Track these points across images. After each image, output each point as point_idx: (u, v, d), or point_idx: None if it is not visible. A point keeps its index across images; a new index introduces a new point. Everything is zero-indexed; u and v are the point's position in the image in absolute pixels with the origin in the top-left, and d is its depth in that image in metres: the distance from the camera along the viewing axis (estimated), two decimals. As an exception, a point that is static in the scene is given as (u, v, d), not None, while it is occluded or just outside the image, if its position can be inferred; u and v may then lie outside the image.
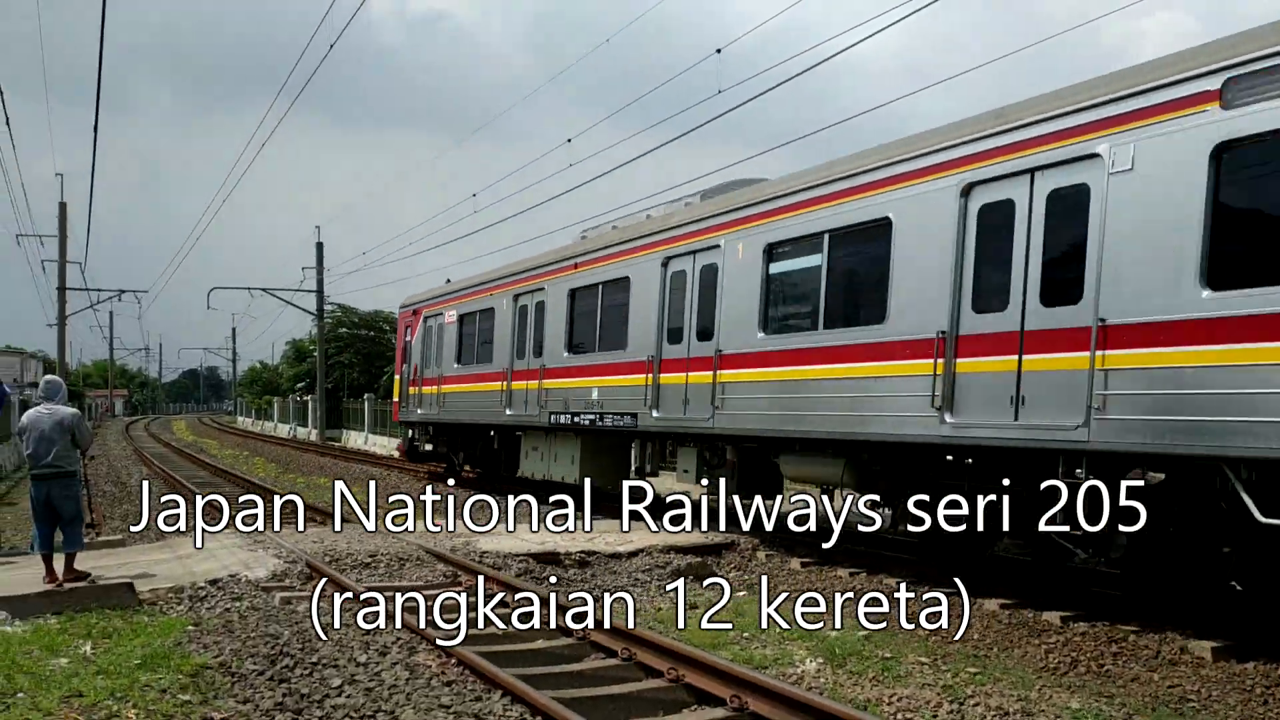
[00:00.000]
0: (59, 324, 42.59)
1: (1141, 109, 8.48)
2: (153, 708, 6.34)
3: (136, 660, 7.34)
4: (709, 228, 14.18)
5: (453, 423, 23.52)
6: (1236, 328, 7.63)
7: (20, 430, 10.06)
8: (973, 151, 10.02)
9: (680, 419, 14.46)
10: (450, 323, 23.39)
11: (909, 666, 7.96)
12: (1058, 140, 9.15)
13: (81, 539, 10.19)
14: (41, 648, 7.71)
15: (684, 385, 14.35)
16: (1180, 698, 7.36)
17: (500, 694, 6.75)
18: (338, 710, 6.44)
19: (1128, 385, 8.37)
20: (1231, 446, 7.66)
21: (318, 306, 50.82)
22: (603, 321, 17.03)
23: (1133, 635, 8.77)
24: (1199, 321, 7.90)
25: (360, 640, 8.11)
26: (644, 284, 15.63)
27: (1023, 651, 8.61)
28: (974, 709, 6.91)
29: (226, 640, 8.02)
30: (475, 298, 22.19)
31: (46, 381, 10.58)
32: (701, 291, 14.20)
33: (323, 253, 50.17)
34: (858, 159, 11.68)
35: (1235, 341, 7.62)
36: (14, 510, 19.59)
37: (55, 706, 6.33)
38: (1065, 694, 7.31)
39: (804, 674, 7.77)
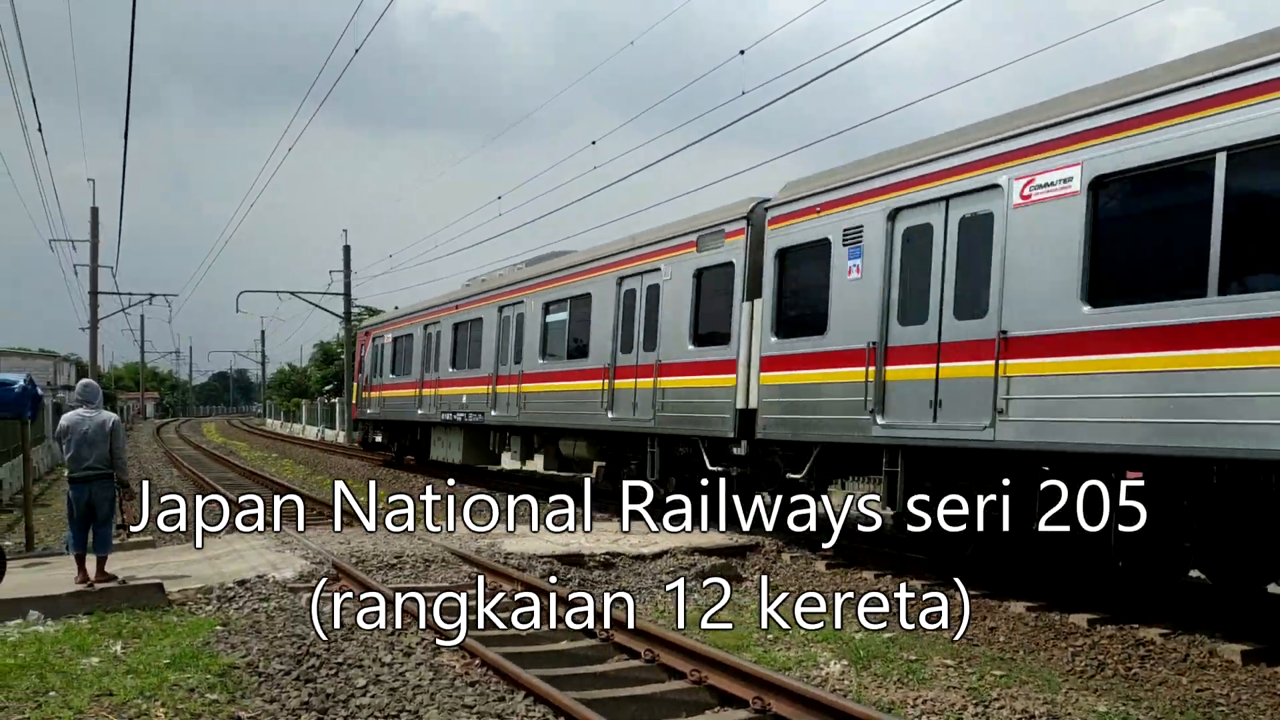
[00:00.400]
0: (91, 327, 43.16)
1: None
2: (181, 706, 6.42)
3: (166, 660, 7.43)
4: (516, 289, 21.36)
5: (390, 419, 30.67)
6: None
7: (60, 433, 10.11)
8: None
9: (505, 416, 21.21)
10: (387, 343, 30.75)
11: (934, 669, 7.93)
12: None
13: (112, 541, 10.30)
14: (73, 647, 7.83)
15: (511, 394, 20.94)
16: (1209, 702, 7.29)
17: (523, 694, 6.78)
18: (362, 710, 6.50)
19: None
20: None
21: (345, 309, 51.18)
22: (470, 346, 23.79)
23: (1160, 638, 8.70)
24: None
25: (385, 640, 8.18)
26: (487, 323, 22.72)
27: (1049, 654, 8.55)
28: (999, 712, 6.87)
29: (254, 640, 8.11)
30: (401, 325, 29.70)
31: (84, 385, 10.59)
32: (512, 332, 21.36)
33: (350, 256, 50.56)
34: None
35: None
36: (47, 511, 19.84)
37: (86, 705, 6.43)
38: (1092, 697, 7.25)
39: (828, 676, 7.75)
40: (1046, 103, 9.79)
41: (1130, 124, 8.69)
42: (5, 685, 6.80)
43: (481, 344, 22.83)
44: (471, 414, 23.11)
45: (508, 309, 21.77)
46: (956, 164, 10.36)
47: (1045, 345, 9.25)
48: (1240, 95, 7.90)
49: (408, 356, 28.61)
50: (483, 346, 22.74)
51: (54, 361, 64.39)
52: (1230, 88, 7.96)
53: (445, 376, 25.20)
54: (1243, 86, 7.89)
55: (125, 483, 10.43)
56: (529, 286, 20.81)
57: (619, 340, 16.92)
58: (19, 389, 12.76)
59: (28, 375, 13.51)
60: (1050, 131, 9.42)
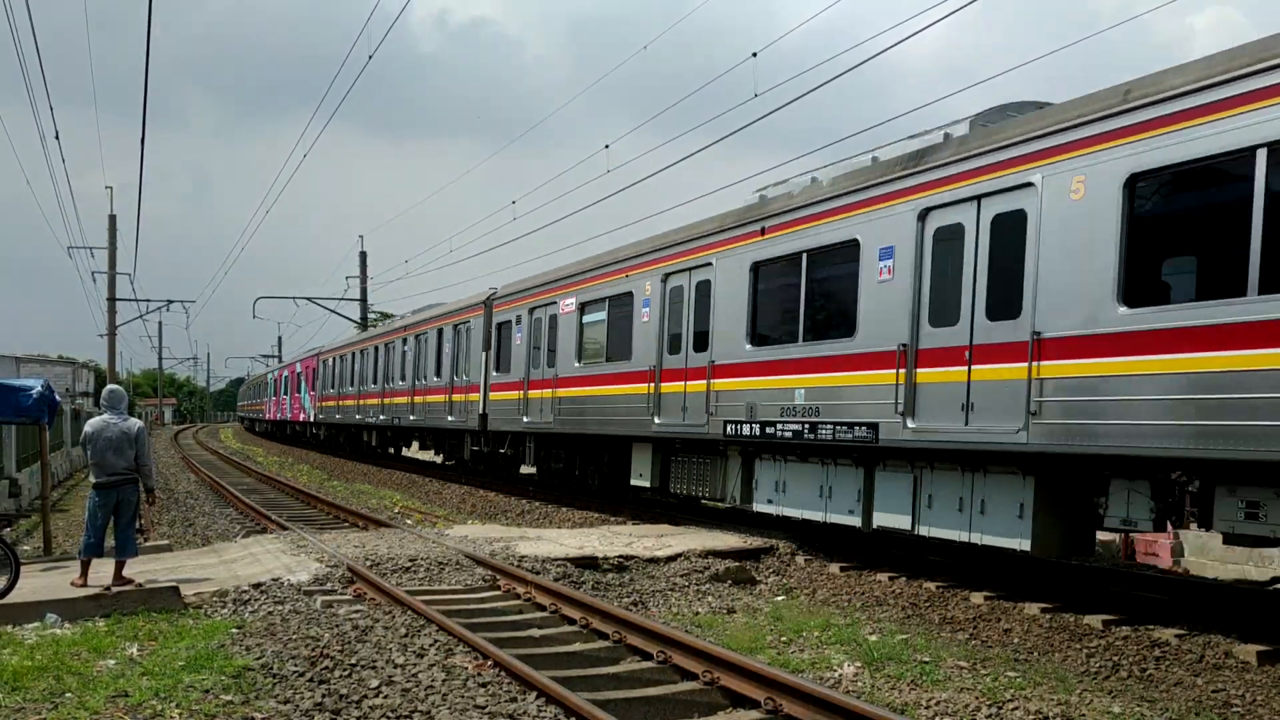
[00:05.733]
0: (109, 334, 43.28)
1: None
2: (196, 708, 6.46)
3: (181, 662, 7.48)
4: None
5: (339, 422, 39.47)
6: (1153, 340, 8.37)
7: (85, 439, 10.15)
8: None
9: (415, 419, 27.96)
10: (330, 365, 40.38)
11: (948, 670, 7.91)
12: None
13: (133, 545, 10.32)
14: (89, 649, 7.89)
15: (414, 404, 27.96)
16: (1224, 703, 7.24)
17: (536, 695, 6.79)
18: (375, 710, 6.52)
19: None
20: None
21: (361, 315, 51.30)
22: (379, 368, 32.17)
23: (1175, 639, 8.64)
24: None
25: (398, 642, 8.20)
26: (391, 350, 31.12)
27: (1063, 656, 8.51)
28: (1014, 713, 6.85)
29: (268, 642, 8.15)
30: (339, 353, 38.93)
31: (110, 391, 10.58)
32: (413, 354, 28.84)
33: (366, 261, 50.71)
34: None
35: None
36: (66, 516, 20.00)
37: (102, 706, 6.48)
38: (1106, 699, 7.22)
39: (841, 678, 7.74)
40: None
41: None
42: (22, 687, 6.86)
43: (405, 366, 29.61)
44: (384, 416, 31.71)
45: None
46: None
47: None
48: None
49: (344, 375, 37.84)
50: (404, 366, 29.71)
51: (73, 368, 64.65)
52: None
53: (356, 392, 35.46)
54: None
55: (151, 488, 10.50)
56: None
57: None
58: (36, 395, 12.85)
59: (44, 381, 13.60)
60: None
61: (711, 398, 14.15)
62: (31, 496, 21.11)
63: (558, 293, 19.33)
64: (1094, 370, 8.84)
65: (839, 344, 11.93)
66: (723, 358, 14.09)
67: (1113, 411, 8.65)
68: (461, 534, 14.21)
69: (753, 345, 13.55)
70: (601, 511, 18.02)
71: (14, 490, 19.83)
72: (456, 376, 24.55)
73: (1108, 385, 8.69)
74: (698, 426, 14.49)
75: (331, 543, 13.01)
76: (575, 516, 17.97)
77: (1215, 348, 7.93)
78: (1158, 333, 8.36)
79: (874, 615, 10.13)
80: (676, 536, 13.90)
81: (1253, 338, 7.67)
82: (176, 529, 18.23)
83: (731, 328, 13.94)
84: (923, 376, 10.69)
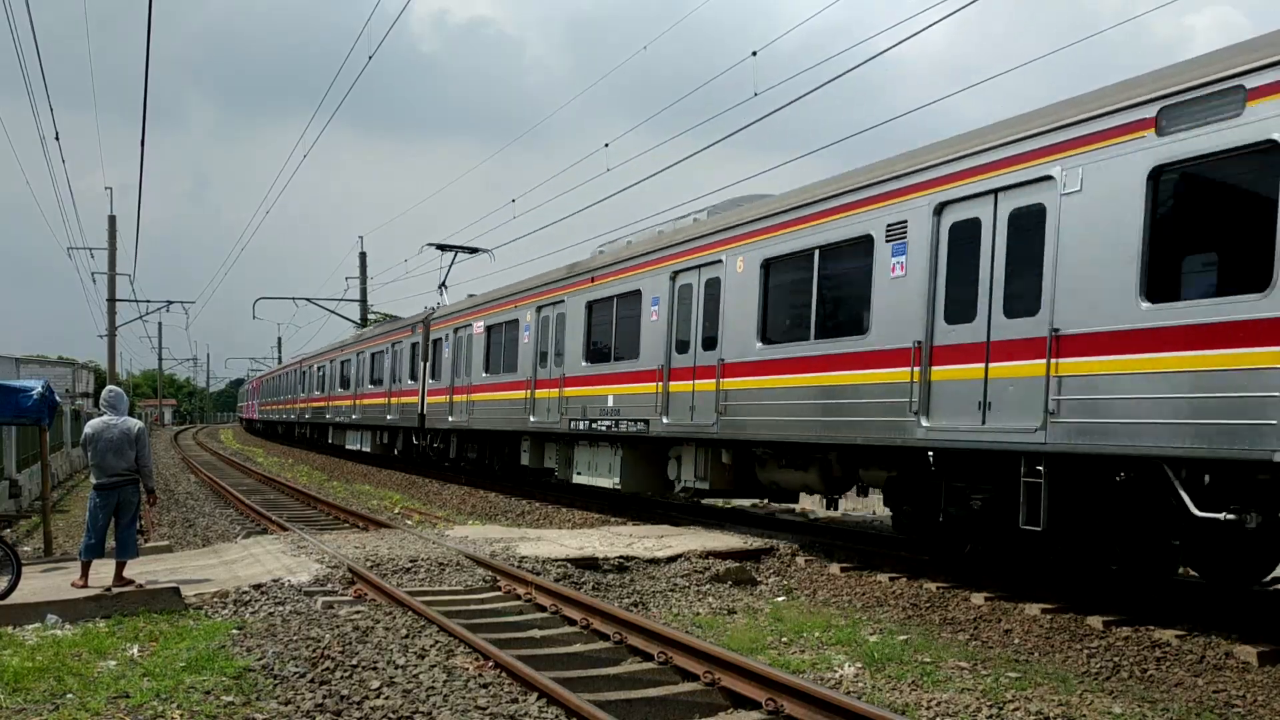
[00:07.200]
0: (109, 335, 43.28)
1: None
2: (197, 709, 6.46)
3: (182, 663, 7.48)
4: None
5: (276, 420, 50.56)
6: (1176, 336, 8.17)
7: (86, 440, 10.16)
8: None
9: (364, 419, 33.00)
10: (288, 375, 49.22)
11: (948, 671, 7.91)
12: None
13: (133, 546, 10.32)
14: (90, 650, 7.89)
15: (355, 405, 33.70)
16: (1225, 703, 7.24)
17: (536, 696, 6.80)
18: (376, 711, 6.52)
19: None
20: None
21: (361, 315, 51.28)
22: (330, 379, 38.60)
23: (1176, 640, 8.64)
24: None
25: (399, 643, 8.21)
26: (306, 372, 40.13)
27: (1064, 656, 8.52)
28: (1014, 714, 6.85)
29: (269, 643, 8.15)
30: (286, 370, 48.20)
31: (109, 392, 10.59)
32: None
33: (365, 262, 50.70)
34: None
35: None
36: (66, 517, 20.00)
37: (103, 707, 6.48)
38: (1107, 699, 7.22)
39: (842, 678, 7.75)
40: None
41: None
42: (23, 688, 6.87)
43: (351, 376, 35.43)
44: (349, 416, 36.25)
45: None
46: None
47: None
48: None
49: (289, 387, 47.17)
50: (359, 375, 34.55)
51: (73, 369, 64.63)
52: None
53: (333, 394, 39.63)
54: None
55: (151, 489, 10.50)
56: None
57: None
58: (36, 396, 12.85)
59: (44, 382, 13.59)
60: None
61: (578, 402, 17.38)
62: (32, 497, 21.12)
63: (470, 317, 24.01)
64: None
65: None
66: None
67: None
68: (462, 534, 14.22)
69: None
70: (602, 512, 18.09)
71: (14, 491, 19.83)
72: (395, 383, 29.17)
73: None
74: (552, 423, 18.75)
75: (332, 543, 13.02)
76: (575, 517, 18.03)
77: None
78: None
79: (874, 616, 10.13)
80: (677, 537, 13.90)
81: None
82: (177, 530, 18.23)
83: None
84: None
